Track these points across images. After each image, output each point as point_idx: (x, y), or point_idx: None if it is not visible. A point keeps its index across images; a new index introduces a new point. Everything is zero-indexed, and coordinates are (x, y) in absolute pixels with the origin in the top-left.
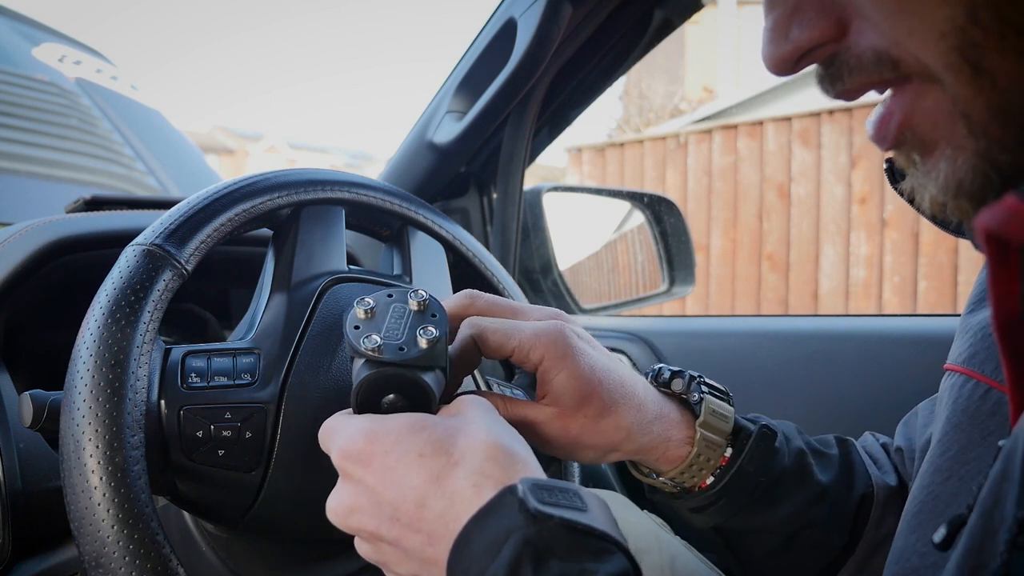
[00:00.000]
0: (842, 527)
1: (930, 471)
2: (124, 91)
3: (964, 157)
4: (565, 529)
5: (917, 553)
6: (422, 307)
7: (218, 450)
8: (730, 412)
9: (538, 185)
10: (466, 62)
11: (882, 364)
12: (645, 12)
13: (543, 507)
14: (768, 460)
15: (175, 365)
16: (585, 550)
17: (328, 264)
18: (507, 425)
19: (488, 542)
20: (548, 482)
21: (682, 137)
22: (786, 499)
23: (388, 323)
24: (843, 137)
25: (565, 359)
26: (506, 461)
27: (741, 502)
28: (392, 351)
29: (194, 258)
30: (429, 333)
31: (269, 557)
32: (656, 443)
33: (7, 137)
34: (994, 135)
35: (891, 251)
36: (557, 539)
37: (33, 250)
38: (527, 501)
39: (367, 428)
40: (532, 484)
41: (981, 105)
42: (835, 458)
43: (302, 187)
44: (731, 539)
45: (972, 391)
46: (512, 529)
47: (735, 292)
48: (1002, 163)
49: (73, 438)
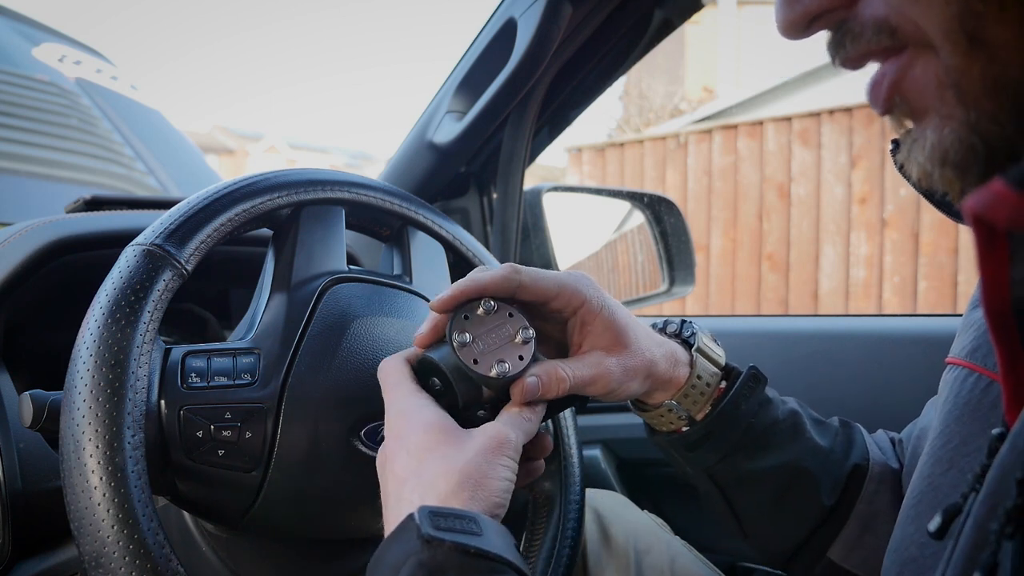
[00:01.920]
0: (833, 487)
1: (930, 462)
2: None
3: (951, 127)
4: (457, 552)
5: (916, 543)
6: (523, 340)
7: (218, 450)
8: (721, 352)
9: (538, 185)
10: (466, 62)
11: (882, 364)
12: (645, 12)
13: (436, 532)
14: (758, 401)
15: (175, 365)
16: (476, 570)
17: (328, 264)
18: (504, 473)
19: (391, 561)
20: (447, 510)
21: (682, 137)
22: (778, 448)
23: (488, 333)
24: (843, 137)
25: (600, 299)
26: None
27: (733, 440)
28: (468, 357)
29: (194, 258)
30: (502, 366)
31: (269, 557)
32: (667, 369)
33: (7, 137)
34: (985, 107)
35: (891, 251)
36: (449, 561)
37: (33, 250)
38: (421, 527)
39: (405, 408)
40: (430, 512)
41: (975, 76)
42: (834, 428)
43: (302, 187)
44: (726, 491)
45: (974, 384)
46: (410, 553)
47: (735, 292)
48: (990, 135)
49: (73, 438)
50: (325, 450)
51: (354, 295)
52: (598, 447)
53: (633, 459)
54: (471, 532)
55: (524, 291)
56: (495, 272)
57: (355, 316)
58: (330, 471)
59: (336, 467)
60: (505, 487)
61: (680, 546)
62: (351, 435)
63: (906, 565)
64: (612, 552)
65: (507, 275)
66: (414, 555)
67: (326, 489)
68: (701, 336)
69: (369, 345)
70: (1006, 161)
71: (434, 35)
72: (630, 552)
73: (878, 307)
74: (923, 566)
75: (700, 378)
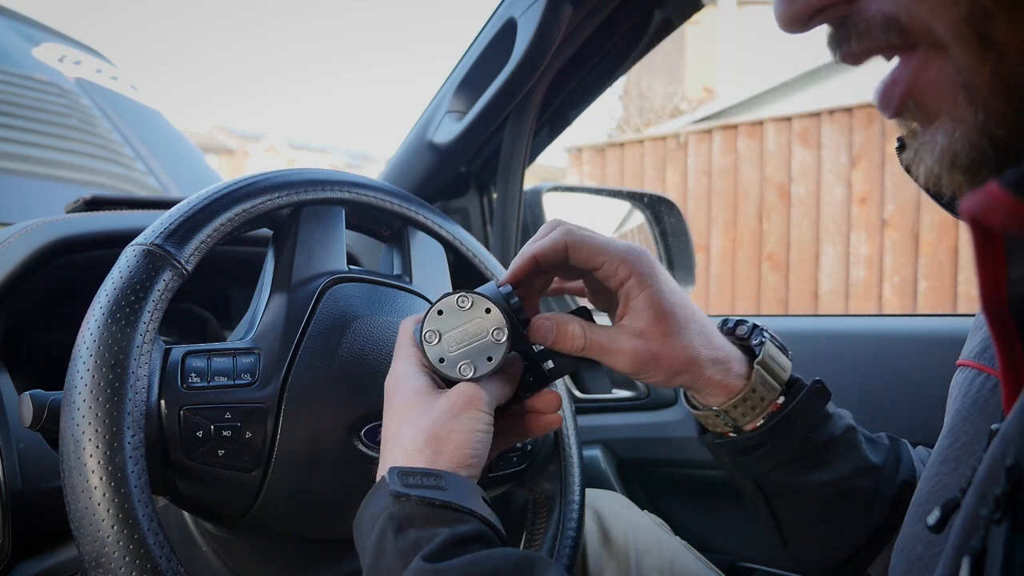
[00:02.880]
0: (883, 505)
1: (938, 461)
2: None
3: (962, 130)
4: (424, 505)
5: (923, 541)
6: (495, 340)
7: (218, 450)
8: (787, 364)
9: (538, 185)
10: (466, 62)
11: (882, 364)
12: (645, 12)
13: (403, 488)
14: (818, 416)
15: (175, 365)
16: (440, 520)
17: (328, 264)
18: (477, 426)
19: (368, 518)
20: (414, 468)
21: (682, 137)
22: (832, 464)
23: (461, 328)
24: (843, 137)
25: (650, 278)
26: (416, 447)
27: (787, 452)
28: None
29: (194, 258)
30: (467, 370)
31: (269, 557)
32: (717, 374)
33: (7, 137)
34: (995, 108)
35: (891, 251)
36: (417, 513)
37: (33, 250)
38: (391, 485)
39: (401, 373)
40: (399, 471)
41: (985, 76)
42: (884, 445)
43: (302, 187)
44: (772, 499)
45: (982, 384)
46: (383, 508)
47: (735, 292)
48: (1000, 138)
49: (73, 438)
50: (325, 450)
51: (354, 295)
52: (598, 447)
53: (633, 459)
54: (436, 487)
55: (574, 255)
56: (545, 242)
57: (355, 316)
58: (330, 471)
59: (336, 467)
60: (474, 440)
61: (680, 546)
62: (351, 435)
63: (913, 564)
64: (612, 552)
65: (555, 244)
66: (385, 510)
67: (326, 489)
68: (769, 347)
69: (369, 345)
70: (1015, 164)
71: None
72: (630, 552)
73: (878, 307)
74: (929, 564)
75: (755, 391)
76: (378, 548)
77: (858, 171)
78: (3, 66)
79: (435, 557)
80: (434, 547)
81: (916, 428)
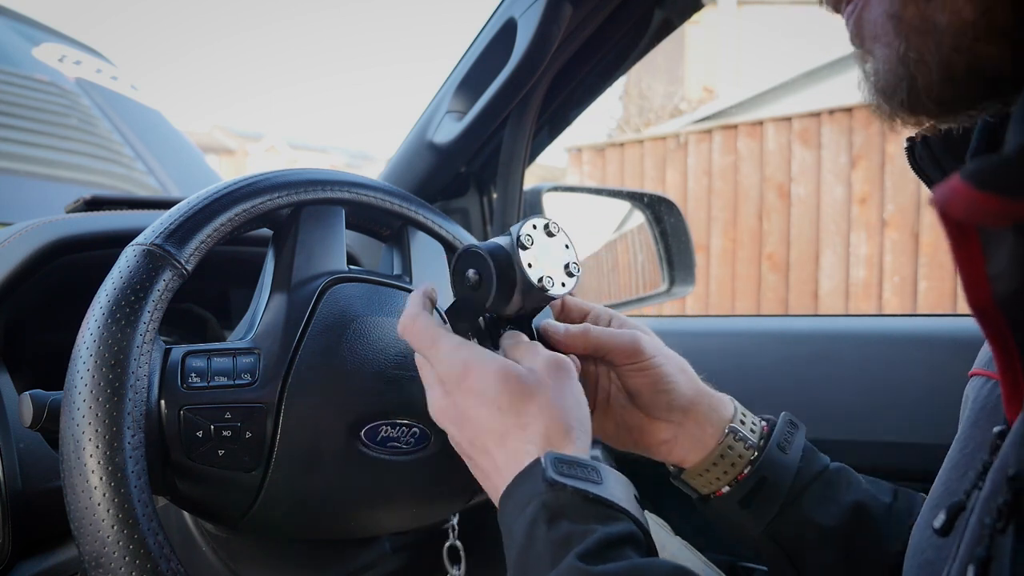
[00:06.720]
0: (900, 532)
1: (948, 467)
2: (124, 91)
3: (886, 55)
4: (578, 497)
5: (933, 546)
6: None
7: (218, 450)
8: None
9: (538, 185)
10: (466, 62)
11: (882, 364)
12: (645, 12)
13: (559, 478)
14: (801, 447)
15: (175, 365)
16: (593, 515)
17: (328, 264)
18: (580, 397)
19: (519, 501)
20: (571, 458)
21: (682, 137)
22: (834, 499)
23: (545, 252)
24: (843, 137)
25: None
26: (558, 434)
27: (786, 489)
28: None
29: (194, 258)
30: (549, 281)
31: (269, 557)
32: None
33: (7, 137)
34: (914, 43)
35: (891, 251)
36: (570, 505)
37: (33, 250)
38: (547, 472)
39: (466, 359)
40: (555, 458)
41: (911, 12)
42: (887, 485)
43: (302, 187)
44: (791, 553)
45: (991, 390)
46: (535, 494)
47: (735, 292)
48: (917, 73)
49: (73, 438)
50: (325, 450)
51: (354, 295)
52: (598, 447)
53: (633, 459)
54: (592, 480)
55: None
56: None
57: (355, 316)
58: (330, 471)
59: (336, 467)
60: (588, 412)
61: (680, 546)
62: (351, 435)
63: (923, 568)
64: None
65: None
66: (538, 496)
67: (326, 489)
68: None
69: (369, 345)
70: (929, 103)
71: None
72: None
73: (878, 307)
74: (938, 569)
75: (731, 449)
76: (529, 535)
77: (858, 171)
78: (3, 66)
79: (589, 558)
80: (587, 546)
81: (916, 428)
